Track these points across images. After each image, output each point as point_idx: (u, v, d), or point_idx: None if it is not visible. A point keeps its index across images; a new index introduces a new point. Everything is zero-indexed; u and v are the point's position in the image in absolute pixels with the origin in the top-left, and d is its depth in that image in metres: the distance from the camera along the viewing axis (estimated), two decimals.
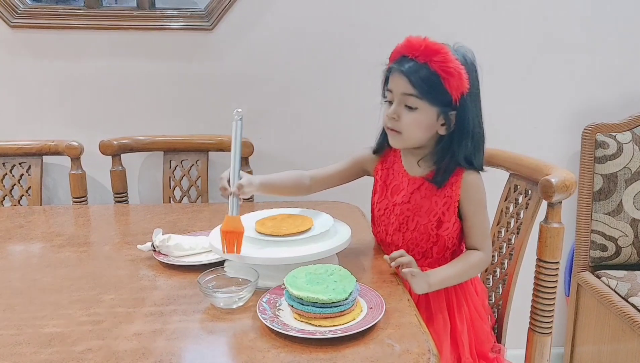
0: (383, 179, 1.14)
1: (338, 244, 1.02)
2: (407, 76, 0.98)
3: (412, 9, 1.68)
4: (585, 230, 1.71)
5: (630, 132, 1.68)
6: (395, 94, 1.02)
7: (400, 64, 1.00)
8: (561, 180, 1.06)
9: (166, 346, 0.80)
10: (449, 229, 1.07)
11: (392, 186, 1.12)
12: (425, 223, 1.07)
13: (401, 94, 1.01)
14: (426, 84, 0.98)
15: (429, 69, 0.97)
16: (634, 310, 1.48)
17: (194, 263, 1.08)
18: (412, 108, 1.01)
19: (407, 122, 1.02)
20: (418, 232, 1.08)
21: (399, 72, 1.00)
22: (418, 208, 1.07)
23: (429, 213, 1.07)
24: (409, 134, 1.03)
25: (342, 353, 0.77)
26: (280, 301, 0.90)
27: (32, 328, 0.85)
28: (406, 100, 1.00)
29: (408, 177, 1.10)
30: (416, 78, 0.98)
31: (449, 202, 1.05)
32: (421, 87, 0.98)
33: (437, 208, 1.06)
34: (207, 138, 1.70)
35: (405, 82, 0.99)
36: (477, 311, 1.12)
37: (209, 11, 1.65)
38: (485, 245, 1.07)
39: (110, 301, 0.94)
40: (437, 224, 1.07)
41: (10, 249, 1.24)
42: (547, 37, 1.73)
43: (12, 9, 1.61)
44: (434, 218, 1.06)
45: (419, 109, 1.00)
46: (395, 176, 1.12)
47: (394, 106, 1.02)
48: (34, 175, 1.66)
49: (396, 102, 1.02)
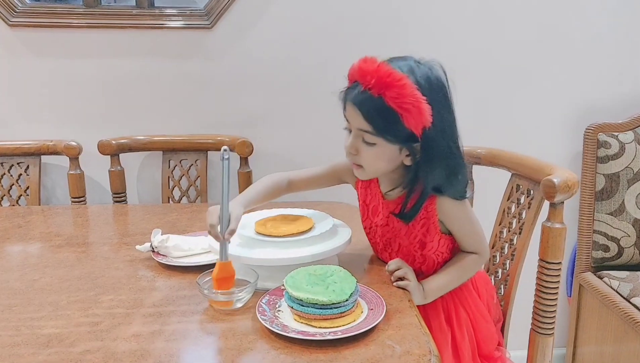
0: (363, 199, 1.09)
1: (338, 245, 1.01)
2: (360, 111, 0.89)
3: (412, 10, 1.68)
4: (587, 230, 1.71)
5: (632, 132, 1.68)
6: (352, 125, 0.93)
7: (353, 95, 0.90)
8: (563, 180, 1.06)
9: (165, 347, 0.79)
10: (434, 248, 1.03)
11: (371, 206, 1.07)
12: (407, 245, 1.03)
13: (357, 129, 0.92)
14: (382, 121, 0.88)
15: (384, 103, 0.86)
16: (636, 311, 1.48)
17: (193, 264, 1.07)
18: (370, 143, 0.92)
19: (366, 157, 0.94)
20: (402, 254, 1.04)
21: (352, 104, 0.90)
22: (397, 231, 1.03)
23: (409, 236, 1.02)
24: (371, 168, 0.96)
25: (343, 355, 0.77)
26: (280, 303, 0.89)
27: (30, 329, 0.85)
28: (363, 135, 0.92)
29: (384, 201, 1.04)
30: (370, 114, 0.89)
31: (427, 224, 1.00)
32: (377, 124, 0.89)
33: (416, 230, 1.01)
34: (206, 138, 1.69)
35: (359, 116, 0.90)
36: (480, 312, 1.11)
37: (209, 10, 1.64)
38: (479, 249, 1.05)
39: (108, 302, 0.94)
40: (419, 246, 1.03)
41: (8, 249, 1.23)
42: (549, 36, 1.72)
43: (10, 8, 1.60)
44: (415, 240, 1.02)
45: (377, 145, 0.92)
46: (373, 196, 1.07)
47: (352, 140, 0.94)
48: (33, 175, 1.65)
49: (353, 135, 0.93)
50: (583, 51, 1.74)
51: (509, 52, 1.73)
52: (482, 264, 1.07)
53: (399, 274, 0.98)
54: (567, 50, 1.74)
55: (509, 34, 1.72)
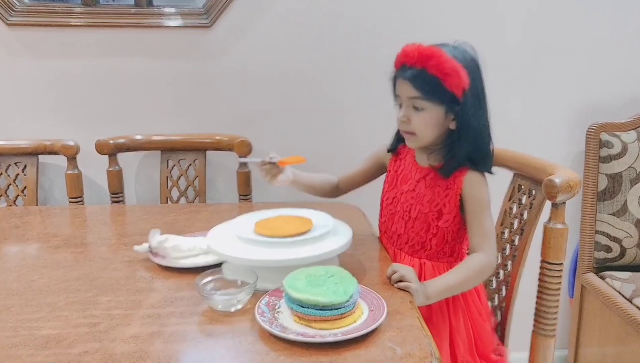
0: (395, 170, 1.20)
1: (338, 245, 1.01)
2: (409, 81, 1.04)
3: (413, 10, 1.67)
4: (589, 231, 1.70)
5: (635, 131, 1.67)
6: (402, 98, 1.07)
7: (402, 72, 1.05)
8: (565, 180, 1.05)
9: (163, 349, 0.79)
10: (449, 221, 1.09)
11: (401, 175, 1.17)
12: (426, 212, 1.10)
13: (407, 98, 1.06)
14: (428, 86, 1.02)
15: (428, 73, 1.01)
16: (639, 312, 1.47)
17: (192, 265, 1.07)
18: (420, 109, 1.05)
19: (417, 123, 1.06)
20: (419, 221, 1.11)
21: (401, 78, 1.05)
22: (421, 197, 1.11)
23: (430, 203, 1.10)
24: (422, 133, 1.07)
25: (343, 357, 0.76)
26: (279, 304, 0.89)
27: (28, 330, 0.84)
28: (413, 102, 1.05)
29: (417, 166, 1.14)
30: (417, 82, 1.03)
31: (450, 194, 1.08)
32: (424, 89, 1.03)
33: (439, 198, 1.09)
34: (204, 137, 1.69)
35: (408, 86, 1.04)
36: (478, 310, 1.12)
37: (207, 8, 1.63)
38: (485, 245, 1.05)
39: (106, 303, 0.94)
40: (437, 215, 1.10)
41: (5, 250, 1.23)
42: (551, 35, 1.72)
43: (8, 7, 1.59)
44: (435, 208, 1.09)
45: (426, 110, 1.05)
46: (406, 166, 1.17)
47: (403, 110, 1.07)
48: (30, 175, 1.64)
49: (404, 106, 1.07)
50: (585, 50, 1.74)
51: (511, 51, 1.72)
52: (488, 268, 1.05)
53: (395, 277, 0.98)
54: (569, 49, 1.73)
55: (511, 34, 1.71)
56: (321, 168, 1.38)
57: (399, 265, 1.01)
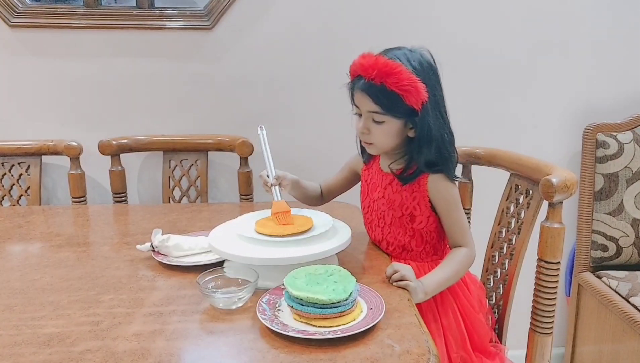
0: (365, 178, 1.21)
1: (338, 244, 1.02)
2: (368, 95, 1.03)
3: (412, 10, 1.68)
4: (586, 230, 1.71)
5: (631, 132, 1.68)
6: (362, 110, 1.07)
7: (360, 85, 1.04)
8: (562, 180, 1.06)
9: (165, 346, 0.80)
10: (423, 223, 1.10)
11: (371, 183, 1.18)
12: (399, 217, 1.11)
13: (367, 111, 1.06)
14: (388, 101, 1.02)
15: (387, 89, 1.00)
16: (635, 310, 1.48)
17: (193, 264, 1.08)
18: (379, 122, 1.05)
19: (376, 135, 1.07)
20: (395, 226, 1.13)
21: (360, 91, 1.05)
22: (391, 202, 1.12)
23: (401, 207, 1.11)
24: (381, 143, 1.09)
25: (342, 354, 0.77)
26: (279, 302, 0.90)
27: (31, 328, 0.85)
28: (372, 116, 1.05)
29: (382, 173, 1.15)
30: (377, 97, 1.03)
31: (418, 198, 1.09)
32: (383, 104, 1.03)
33: (408, 202, 1.10)
34: (206, 138, 1.70)
35: (368, 100, 1.04)
36: (469, 302, 1.13)
37: (209, 10, 1.64)
38: (466, 240, 1.10)
39: (109, 301, 0.94)
40: (410, 219, 1.11)
41: (9, 249, 1.23)
42: (547, 36, 1.73)
43: (11, 9, 1.60)
44: (406, 212, 1.11)
45: (385, 122, 1.05)
46: (374, 174, 1.18)
47: (363, 122, 1.07)
48: (33, 175, 1.65)
49: (364, 118, 1.07)
50: (582, 51, 1.74)
51: (507, 52, 1.73)
52: (472, 258, 1.10)
53: (395, 277, 1.00)
54: (566, 50, 1.74)
55: (507, 35, 1.72)
56: (321, 168, 1.39)
57: (398, 264, 1.02)
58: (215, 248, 1.01)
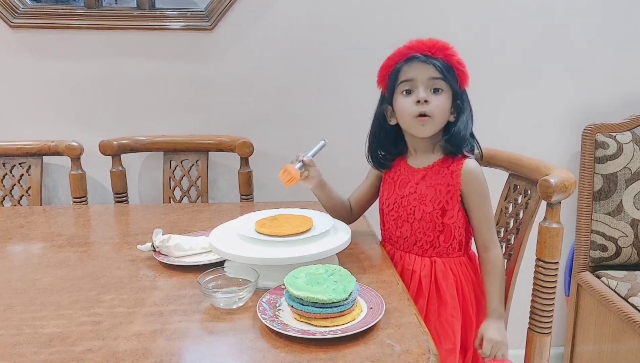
0: (391, 177, 1.20)
1: (338, 244, 1.02)
2: (431, 63, 1.07)
3: (412, 11, 1.69)
4: (585, 230, 1.72)
5: (630, 132, 1.68)
6: (419, 80, 1.08)
7: (419, 57, 1.08)
8: (560, 180, 1.06)
9: (166, 346, 0.80)
10: (454, 217, 1.11)
11: (399, 181, 1.18)
12: (430, 211, 1.12)
13: (428, 78, 1.08)
14: (446, 70, 1.08)
15: (444, 62, 1.08)
16: (634, 310, 1.48)
17: (194, 263, 1.08)
18: (439, 91, 1.09)
19: (437, 104, 1.08)
20: (424, 221, 1.13)
21: (421, 61, 1.08)
22: (423, 197, 1.13)
23: (433, 201, 1.11)
24: (438, 117, 1.09)
25: (342, 353, 0.77)
26: (280, 302, 0.90)
27: (32, 328, 0.85)
28: (433, 83, 1.08)
29: (413, 170, 1.16)
30: (437, 66, 1.07)
31: (451, 191, 1.10)
32: (444, 72, 1.08)
33: (441, 196, 1.11)
34: (207, 138, 1.70)
35: (430, 67, 1.07)
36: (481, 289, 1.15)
37: (209, 11, 1.65)
38: (494, 238, 1.12)
39: (110, 301, 0.94)
40: (441, 213, 1.11)
41: (10, 249, 1.24)
42: (547, 36, 1.73)
43: (12, 9, 1.61)
44: (438, 206, 1.11)
45: (444, 92, 1.09)
46: (402, 172, 1.18)
47: (421, 92, 1.08)
48: (34, 175, 1.66)
49: (423, 87, 1.08)
50: (581, 51, 1.75)
51: (507, 52, 1.73)
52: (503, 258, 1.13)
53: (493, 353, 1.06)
54: (565, 50, 1.74)
55: (507, 35, 1.72)
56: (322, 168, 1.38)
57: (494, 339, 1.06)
58: (215, 248, 1.01)
